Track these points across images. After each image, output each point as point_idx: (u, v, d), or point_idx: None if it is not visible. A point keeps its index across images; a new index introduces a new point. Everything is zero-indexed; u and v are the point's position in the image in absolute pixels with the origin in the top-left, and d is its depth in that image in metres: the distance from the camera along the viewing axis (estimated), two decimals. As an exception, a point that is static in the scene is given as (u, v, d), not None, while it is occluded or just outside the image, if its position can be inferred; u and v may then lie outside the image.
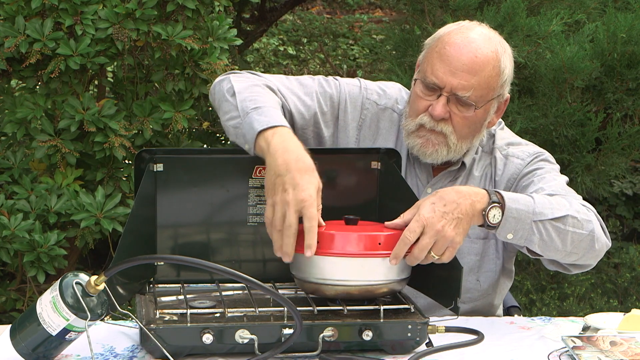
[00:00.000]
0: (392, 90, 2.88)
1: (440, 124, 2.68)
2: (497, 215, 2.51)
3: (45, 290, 2.26)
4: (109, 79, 4.51)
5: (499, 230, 2.53)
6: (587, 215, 2.62)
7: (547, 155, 2.84)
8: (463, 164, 2.80)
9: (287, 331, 2.32)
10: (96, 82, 4.40)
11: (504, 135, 2.88)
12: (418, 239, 2.40)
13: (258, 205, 2.58)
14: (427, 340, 2.42)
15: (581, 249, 2.61)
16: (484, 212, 2.49)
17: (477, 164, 2.83)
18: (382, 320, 2.38)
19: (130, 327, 2.50)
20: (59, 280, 2.21)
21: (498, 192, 2.53)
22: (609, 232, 2.73)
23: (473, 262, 2.82)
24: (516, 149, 2.83)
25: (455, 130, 2.69)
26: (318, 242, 2.38)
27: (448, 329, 2.50)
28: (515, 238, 2.55)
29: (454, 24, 2.75)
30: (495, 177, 2.82)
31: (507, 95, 2.76)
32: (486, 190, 2.53)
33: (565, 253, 2.60)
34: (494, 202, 2.50)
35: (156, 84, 4.28)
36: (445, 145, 2.70)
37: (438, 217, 2.42)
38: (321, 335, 2.34)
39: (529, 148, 2.84)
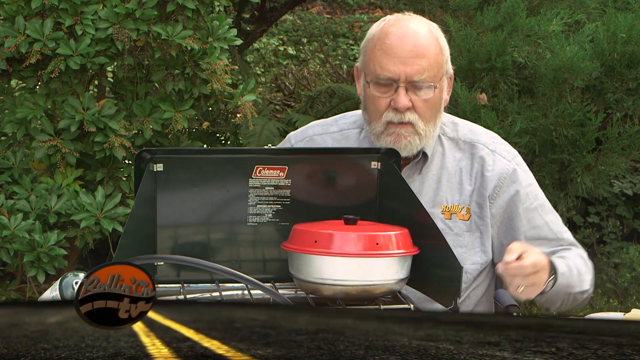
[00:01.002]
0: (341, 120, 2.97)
1: (406, 114, 2.74)
2: (550, 284, 2.68)
3: (45, 290, 2.25)
4: (109, 79, 4.51)
5: (540, 295, 2.69)
6: (592, 282, 2.80)
7: (519, 157, 2.91)
8: (424, 154, 2.82)
9: (287, 331, 2.32)
10: (96, 82, 4.40)
11: (474, 126, 2.93)
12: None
13: (258, 205, 2.58)
14: (427, 340, 2.42)
15: (571, 307, 2.80)
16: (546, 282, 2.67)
17: (446, 156, 2.85)
18: (381, 320, 2.38)
19: (130, 327, 2.50)
20: (58, 280, 2.21)
21: (553, 264, 2.68)
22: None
23: (458, 255, 2.82)
24: (499, 146, 2.89)
25: (420, 116, 2.76)
26: (317, 241, 2.39)
27: (448, 329, 2.50)
28: (542, 301, 2.75)
29: (380, 21, 2.83)
30: (486, 172, 2.84)
31: (451, 71, 2.83)
32: (549, 260, 2.68)
33: (558, 309, 2.80)
34: (553, 275, 2.68)
35: (156, 84, 4.28)
36: (416, 134, 2.76)
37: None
38: (321, 335, 2.34)
39: (506, 146, 2.91)
